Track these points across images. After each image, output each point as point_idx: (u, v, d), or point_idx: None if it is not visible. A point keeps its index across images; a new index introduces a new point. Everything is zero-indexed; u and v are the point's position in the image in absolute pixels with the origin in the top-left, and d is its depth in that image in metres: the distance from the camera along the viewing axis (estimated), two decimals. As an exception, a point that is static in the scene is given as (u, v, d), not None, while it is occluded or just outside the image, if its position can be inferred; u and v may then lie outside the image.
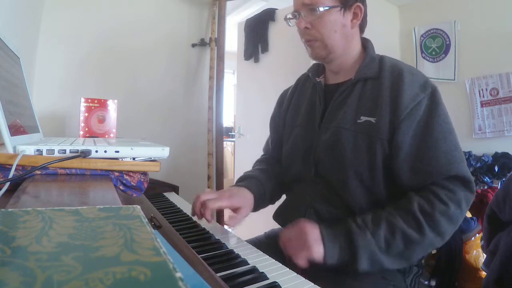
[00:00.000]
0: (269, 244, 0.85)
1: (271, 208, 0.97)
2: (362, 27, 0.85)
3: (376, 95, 0.76)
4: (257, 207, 0.88)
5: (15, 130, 0.60)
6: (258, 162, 1.05)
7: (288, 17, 0.84)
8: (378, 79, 0.77)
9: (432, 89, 0.74)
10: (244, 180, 0.90)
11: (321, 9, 0.77)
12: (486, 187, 2.30)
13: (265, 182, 0.91)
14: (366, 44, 0.86)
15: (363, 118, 0.76)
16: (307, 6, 0.78)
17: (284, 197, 0.98)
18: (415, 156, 0.71)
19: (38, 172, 0.55)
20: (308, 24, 0.79)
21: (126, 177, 0.62)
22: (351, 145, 0.76)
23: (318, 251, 0.66)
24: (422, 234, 0.66)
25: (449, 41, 2.65)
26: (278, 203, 0.97)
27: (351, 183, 0.76)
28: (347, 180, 0.76)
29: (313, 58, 0.85)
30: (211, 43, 2.16)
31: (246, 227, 2.22)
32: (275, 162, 1.01)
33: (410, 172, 0.71)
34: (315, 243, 0.66)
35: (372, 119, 0.74)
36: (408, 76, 0.75)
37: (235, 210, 0.80)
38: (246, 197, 0.84)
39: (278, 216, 0.94)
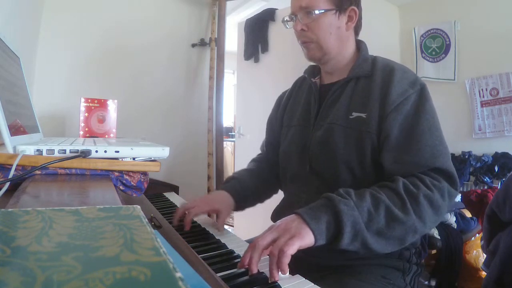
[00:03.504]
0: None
1: (271, 208, 0.97)
2: (357, 30, 0.88)
3: (368, 92, 0.78)
4: (240, 206, 0.92)
5: (15, 130, 0.60)
6: (252, 161, 1.08)
7: (285, 19, 0.87)
8: (370, 77, 0.80)
9: (421, 86, 0.76)
10: (227, 182, 0.94)
11: (317, 12, 0.80)
12: (486, 187, 2.30)
13: (247, 182, 0.94)
14: (360, 46, 0.88)
15: (355, 114, 0.78)
16: (303, 9, 0.81)
17: (279, 198, 0.99)
18: (401, 148, 0.72)
19: (38, 172, 0.55)
20: (304, 26, 0.82)
21: (126, 177, 0.62)
22: (343, 140, 0.78)
23: (307, 236, 0.59)
24: (405, 214, 0.64)
25: (449, 41, 2.65)
26: (276, 203, 0.97)
27: (343, 177, 0.78)
28: (339, 174, 0.78)
29: (308, 59, 0.88)
30: (211, 43, 2.16)
31: (246, 227, 2.22)
32: (266, 162, 1.04)
33: (395, 163, 0.73)
34: (301, 230, 0.59)
35: (363, 115, 0.77)
36: (399, 73, 0.77)
37: (216, 212, 0.84)
38: (224, 200, 0.87)
39: (276, 217, 0.94)
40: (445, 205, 0.68)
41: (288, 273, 0.55)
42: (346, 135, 0.78)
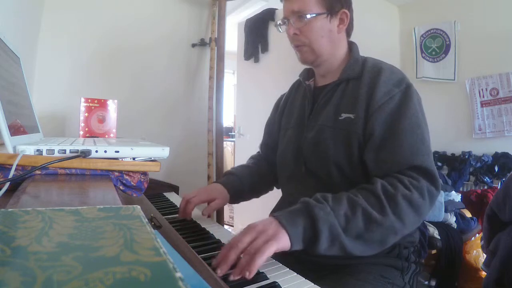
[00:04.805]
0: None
1: (269, 209, 0.97)
2: (348, 32, 0.89)
3: (356, 93, 0.79)
4: (235, 200, 0.95)
5: (15, 130, 0.60)
6: (251, 158, 1.11)
7: (278, 23, 0.89)
8: (360, 78, 0.81)
9: (406, 85, 0.77)
10: (224, 176, 0.98)
11: (309, 16, 0.81)
12: (486, 187, 2.30)
13: (243, 178, 0.97)
14: (351, 47, 0.89)
15: (344, 115, 0.80)
16: (295, 14, 0.82)
17: (277, 198, 0.99)
18: (382, 146, 0.73)
19: (38, 172, 0.55)
20: (296, 30, 0.84)
21: (126, 177, 0.62)
22: (332, 141, 0.79)
23: (284, 239, 0.59)
24: (383, 215, 0.63)
25: (449, 41, 2.65)
26: (274, 203, 0.98)
27: (335, 176, 0.80)
28: (331, 173, 0.80)
29: (302, 62, 0.90)
30: (211, 43, 2.16)
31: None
32: (264, 159, 1.08)
33: (376, 162, 0.74)
34: (278, 233, 0.59)
35: (352, 116, 0.78)
36: (386, 74, 0.78)
37: (213, 201, 0.88)
38: (220, 191, 0.91)
39: None
40: (425, 204, 0.68)
41: (251, 276, 0.52)
42: (335, 135, 0.79)
